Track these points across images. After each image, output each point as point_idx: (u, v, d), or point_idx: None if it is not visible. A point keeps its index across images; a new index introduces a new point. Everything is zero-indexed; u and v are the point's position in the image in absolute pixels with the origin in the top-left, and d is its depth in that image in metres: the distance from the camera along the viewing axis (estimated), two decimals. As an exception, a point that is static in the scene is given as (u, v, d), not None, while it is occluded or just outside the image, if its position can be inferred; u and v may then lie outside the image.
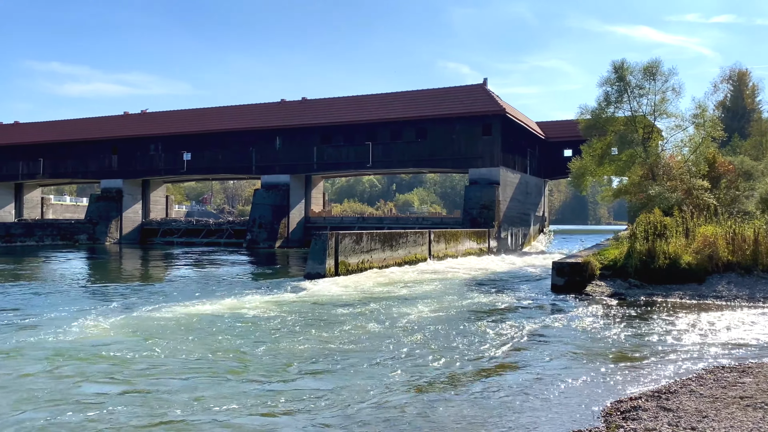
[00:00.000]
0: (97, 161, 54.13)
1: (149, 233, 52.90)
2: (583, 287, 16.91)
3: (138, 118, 55.55)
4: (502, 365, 8.96)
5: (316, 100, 49.43)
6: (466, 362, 9.00)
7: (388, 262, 24.09)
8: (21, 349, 9.60)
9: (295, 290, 17.18)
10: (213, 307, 14.16)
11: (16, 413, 6.59)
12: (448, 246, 30.37)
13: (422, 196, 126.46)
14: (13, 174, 58.21)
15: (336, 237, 20.75)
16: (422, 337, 10.78)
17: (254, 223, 45.65)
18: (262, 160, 47.63)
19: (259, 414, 6.64)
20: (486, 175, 40.46)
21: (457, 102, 42.57)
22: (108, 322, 12.02)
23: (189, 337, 10.62)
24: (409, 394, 7.37)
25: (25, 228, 46.23)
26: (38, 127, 60.06)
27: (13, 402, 6.97)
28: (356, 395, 7.31)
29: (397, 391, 7.47)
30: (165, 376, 8.17)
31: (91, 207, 52.74)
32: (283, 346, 10.01)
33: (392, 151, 43.69)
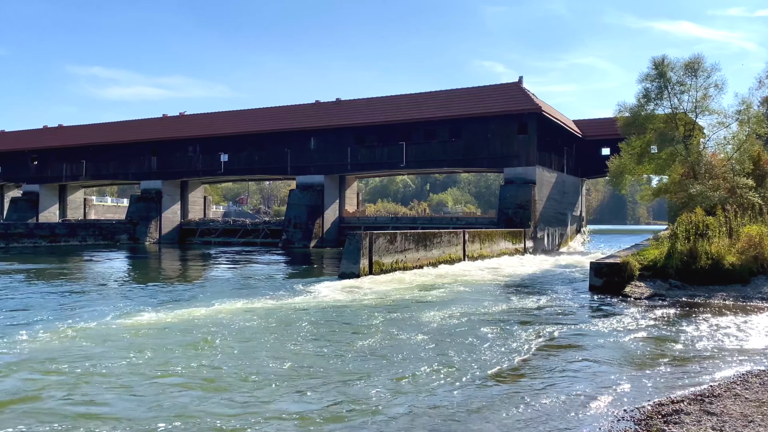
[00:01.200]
0: (137, 163, 55.43)
1: (188, 233, 53.89)
2: (622, 288, 16.58)
3: (176, 120, 56.65)
4: (539, 367, 8.85)
5: (350, 100, 49.64)
6: (501, 363, 8.91)
7: (422, 262, 24.02)
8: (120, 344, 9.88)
9: (330, 289, 17.27)
10: (250, 305, 14.33)
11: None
12: (483, 246, 30.14)
13: (456, 196, 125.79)
14: (57, 176, 60.08)
15: (370, 237, 20.79)
16: (458, 338, 10.72)
17: (289, 223, 46.09)
18: (297, 160, 48.06)
19: (315, 410, 6.70)
20: (522, 174, 40.02)
21: (492, 101, 42.21)
22: (146, 318, 12.28)
23: (226, 335, 10.77)
24: (445, 395, 7.33)
25: (68, 228, 47.57)
26: (81, 130, 61.80)
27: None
28: (391, 397, 7.31)
29: (432, 393, 7.44)
30: (203, 369, 8.31)
31: (132, 208, 54.01)
32: (322, 345, 10.07)
33: (426, 151, 43.57)
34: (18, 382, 7.78)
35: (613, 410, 6.71)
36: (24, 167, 62.18)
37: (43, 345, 9.94)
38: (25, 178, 62.19)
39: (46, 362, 8.79)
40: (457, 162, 43.21)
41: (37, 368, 8.46)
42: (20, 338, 10.38)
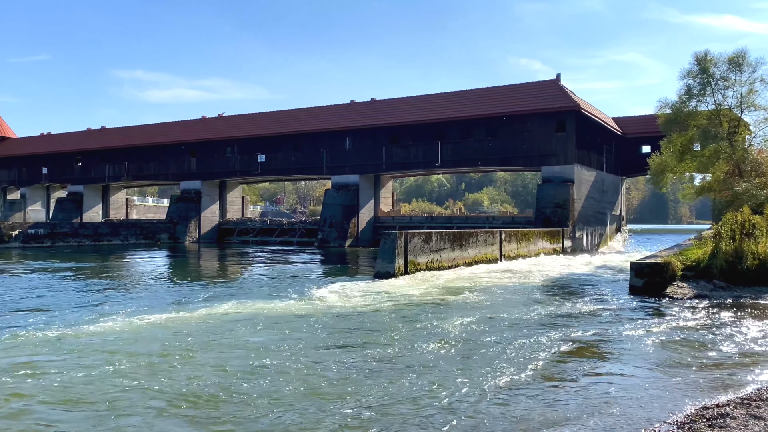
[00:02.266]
0: (177, 164, 56.59)
1: (226, 233, 54.76)
2: (664, 289, 16.18)
3: (215, 121, 57.63)
4: (578, 369, 8.70)
5: (384, 100, 49.71)
6: (540, 365, 8.79)
7: (458, 261, 23.88)
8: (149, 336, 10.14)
9: (365, 289, 17.31)
10: (286, 304, 14.47)
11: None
12: (520, 246, 29.80)
13: (492, 195, 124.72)
14: (100, 177, 61.78)
15: (405, 236, 20.77)
16: (495, 338, 10.62)
17: (325, 223, 46.41)
18: (333, 160, 48.35)
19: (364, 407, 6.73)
20: (559, 172, 39.43)
21: (529, 98, 41.71)
22: (185, 315, 12.52)
23: (257, 335, 10.89)
24: (484, 396, 7.27)
25: (111, 228, 48.85)
26: (123, 132, 63.42)
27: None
28: (431, 397, 7.28)
29: (471, 394, 7.38)
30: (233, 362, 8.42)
31: (172, 207, 55.18)
32: (363, 343, 10.10)
33: (462, 150, 43.30)
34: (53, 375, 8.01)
35: (656, 414, 6.55)
36: (69, 168, 64.14)
37: (88, 338, 10.23)
38: (70, 179, 64.16)
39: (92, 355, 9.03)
40: (493, 161, 42.82)
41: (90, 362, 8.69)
42: (59, 333, 10.69)
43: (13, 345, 9.87)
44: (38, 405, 6.85)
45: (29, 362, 8.72)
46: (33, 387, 7.52)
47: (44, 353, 9.31)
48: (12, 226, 42.01)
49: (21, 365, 8.53)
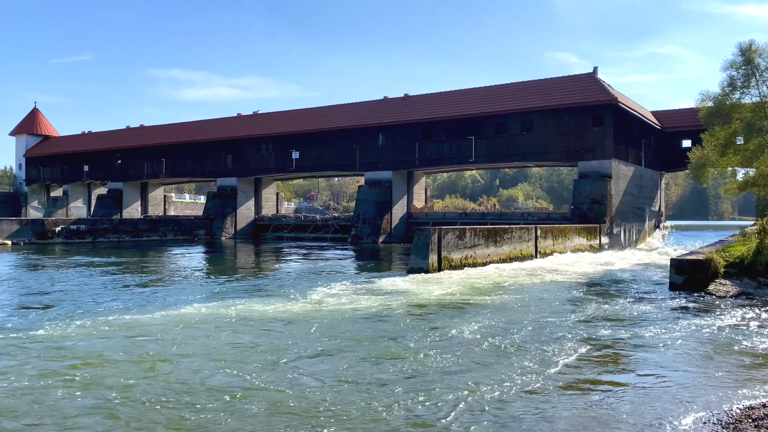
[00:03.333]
0: (213, 161, 57.48)
1: (261, 228, 55.42)
2: (705, 286, 15.76)
3: (250, 119, 58.33)
4: (617, 368, 8.53)
5: (418, 96, 49.54)
6: (578, 364, 8.64)
7: (492, 258, 23.68)
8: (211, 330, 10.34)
9: (399, 285, 17.29)
10: (325, 299, 14.55)
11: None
12: (556, 242, 29.39)
13: (527, 191, 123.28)
14: (139, 174, 63.18)
15: (439, 232, 20.67)
16: (532, 336, 10.49)
17: (358, 219, 46.54)
18: (366, 157, 48.43)
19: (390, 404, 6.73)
20: (597, 168, 38.73)
21: (566, 92, 41.03)
22: (220, 311, 12.69)
23: (287, 332, 10.96)
24: (522, 396, 7.18)
25: (149, 224, 49.89)
26: (161, 130, 64.69)
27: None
28: (469, 396, 7.22)
29: (511, 393, 7.29)
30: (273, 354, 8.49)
31: (208, 204, 56.09)
32: (390, 341, 10.09)
33: (496, 145, 42.89)
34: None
35: (699, 414, 6.37)
36: (109, 166, 65.74)
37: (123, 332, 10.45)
38: (110, 176, 65.76)
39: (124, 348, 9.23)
40: (529, 156, 42.30)
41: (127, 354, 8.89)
42: (95, 324, 10.95)
43: (68, 334, 10.14)
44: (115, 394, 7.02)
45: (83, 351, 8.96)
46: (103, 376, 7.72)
47: (96, 344, 9.55)
48: (55, 223, 43.27)
49: (71, 354, 8.76)
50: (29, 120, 75.73)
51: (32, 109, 76.99)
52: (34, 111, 76.71)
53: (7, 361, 8.51)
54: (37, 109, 77.27)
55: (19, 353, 8.99)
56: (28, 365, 8.28)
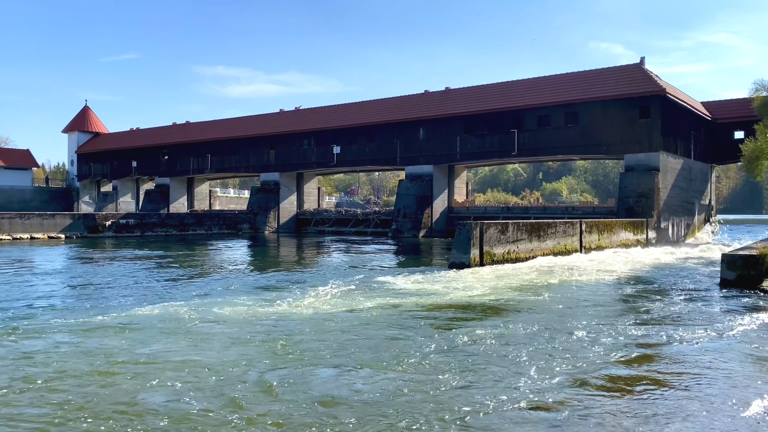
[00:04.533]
0: (256, 156, 58.37)
1: (303, 223, 56.06)
2: (759, 282, 15.23)
3: (292, 115, 58.95)
4: (666, 369, 8.31)
5: (459, 89, 49.15)
6: (625, 364, 8.46)
7: (536, 252, 23.36)
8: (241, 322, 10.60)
9: (439, 279, 17.24)
10: (366, 292, 14.62)
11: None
12: (601, 237, 28.79)
13: (571, 185, 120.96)
14: (185, 169, 64.65)
15: (480, 226, 20.50)
16: (577, 333, 10.33)
17: (399, 213, 46.57)
18: (406, 151, 48.37)
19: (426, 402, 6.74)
20: (643, 160, 37.73)
21: (611, 84, 40.06)
22: (260, 305, 12.89)
23: (320, 328, 11.05)
24: (565, 397, 7.08)
25: (195, 218, 51.01)
26: (206, 126, 66.01)
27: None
28: (514, 392, 7.17)
29: (555, 393, 7.20)
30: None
31: (252, 199, 57.05)
32: (429, 336, 10.08)
33: (539, 138, 42.24)
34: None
35: (752, 419, 6.16)
36: (156, 162, 67.47)
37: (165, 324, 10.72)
38: (157, 171, 67.49)
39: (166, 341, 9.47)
40: (573, 149, 41.50)
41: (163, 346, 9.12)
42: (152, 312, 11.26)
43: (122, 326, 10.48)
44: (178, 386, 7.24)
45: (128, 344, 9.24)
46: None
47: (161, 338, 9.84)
48: (105, 217, 44.67)
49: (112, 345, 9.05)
50: (80, 117, 78.29)
51: (83, 107, 79.55)
52: (85, 109, 79.24)
53: (69, 347, 8.84)
54: (88, 106, 79.79)
55: (84, 341, 9.32)
56: (82, 353, 8.58)
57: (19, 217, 39.78)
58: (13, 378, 7.47)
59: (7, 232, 38.53)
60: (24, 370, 7.80)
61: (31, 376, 7.56)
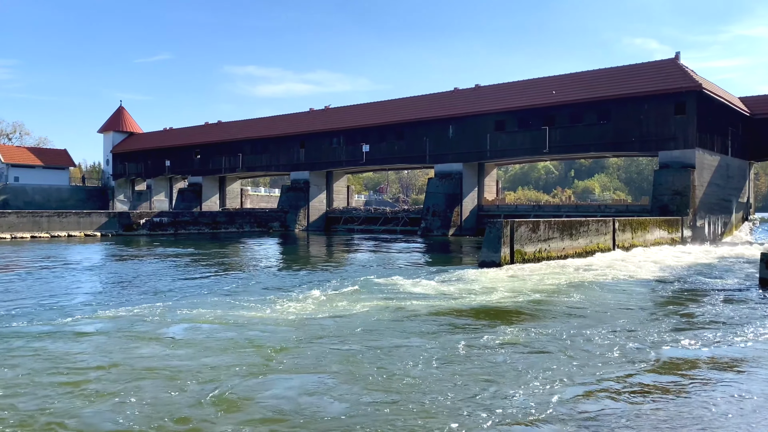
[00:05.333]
0: (287, 155, 58.87)
1: (332, 221, 56.36)
2: (801, 283, 14.75)
3: (322, 113, 59.28)
4: (702, 375, 8.11)
5: (489, 86, 48.79)
6: (660, 369, 8.28)
7: (568, 251, 23.05)
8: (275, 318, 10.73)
9: (469, 278, 17.13)
10: (396, 291, 14.62)
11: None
12: (635, 235, 28.28)
13: (604, 183, 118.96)
14: (217, 168, 65.55)
15: (511, 225, 20.31)
16: (610, 337, 10.15)
17: (428, 212, 46.46)
18: (436, 149, 48.21)
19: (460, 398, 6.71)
20: (679, 157, 36.94)
21: (645, 79, 39.29)
22: (288, 303, 12.98)
23: (347, 327, 11.06)
24: (605, 400, 6.97)
25: (227, 216, 51.69)
26: (237, 125, 66.82)
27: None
28: (549, 397, 7.08)
29: (592, 395, 7.10)
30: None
31: (282, 197, 57.58)
32: (457, 336, 10.02)
33: (571, 135, 41.67)
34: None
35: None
36: (189, 161, 68.53)
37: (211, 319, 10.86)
38: (190, 170, 68.55)
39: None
40: (606, 146, 40.85)
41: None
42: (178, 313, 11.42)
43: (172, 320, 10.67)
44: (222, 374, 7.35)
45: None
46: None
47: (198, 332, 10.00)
48: (140, 215, 45.55)
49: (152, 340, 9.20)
50: (115, 118, 79.96)
51: (118, 107, 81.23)
52: (120, 109, 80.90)
53: (107, 343, 9.03)
54: (123, 107, 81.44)
55: (120, 337, 9.51)
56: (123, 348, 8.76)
57: (57, 216, 40.83)
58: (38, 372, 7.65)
59: (46, 230, 39.58)
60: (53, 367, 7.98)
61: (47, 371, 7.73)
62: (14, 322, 10.79)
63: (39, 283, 16.56)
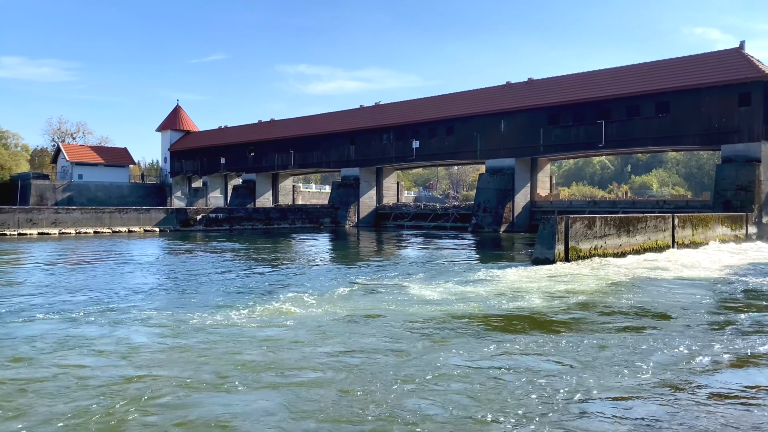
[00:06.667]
0: (337, 152, 59.39)
1: (382, 217, 56.53)
2: None
3: (372, 110, 59.49)
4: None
5: (542, 79, 47.88)
6: (726, 376, 7.96)
7: (624, 249, 22.41)
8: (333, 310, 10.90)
9: (522, 275, 16.87)
10: (446, 288, 14.55)
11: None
12: (696, 232, 27.26)
13: (662, 178, 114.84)
14: (270, 165, 66.73)
15: (566, 221, 19.89)
16: (672, 342, 9.82)
17: (479, 208, 46.01)
18: (487, 144, 47.68)
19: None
20: (743, 151, 35.36)
21: (707, 70, 37.75)
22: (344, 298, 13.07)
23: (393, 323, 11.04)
24: (663, 405, 6.75)
25: (280, 212, 52.57)
26: (289, 123, 67.83)
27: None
28: (591, 402, 6.91)
29: (654, 403, 6.89)
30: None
31: (333, 194, 58.14)
32: (506, 337, 9.89)
33: (628, 129, 40.46)
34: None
35: None
36: (243, 158, 70.01)
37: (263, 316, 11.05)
38: (243, 167, 70.03)
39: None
40: (665, 140, 39.47)
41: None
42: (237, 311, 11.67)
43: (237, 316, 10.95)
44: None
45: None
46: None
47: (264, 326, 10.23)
48: (196, 211, 46.82)
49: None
50: (172, 117, 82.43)
51: (175, 106, 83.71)
52: (177, 108, 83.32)
53: (170, 340, 9.32)
54: (179, 106, 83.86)
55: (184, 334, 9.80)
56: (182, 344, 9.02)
57: (118, 212, 42.41)
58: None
59: (108, 225, 41.16)
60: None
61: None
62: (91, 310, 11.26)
63: (112, 274, 17.24)
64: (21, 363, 7.86)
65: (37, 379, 7.14)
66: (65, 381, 7.07)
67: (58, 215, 39.76)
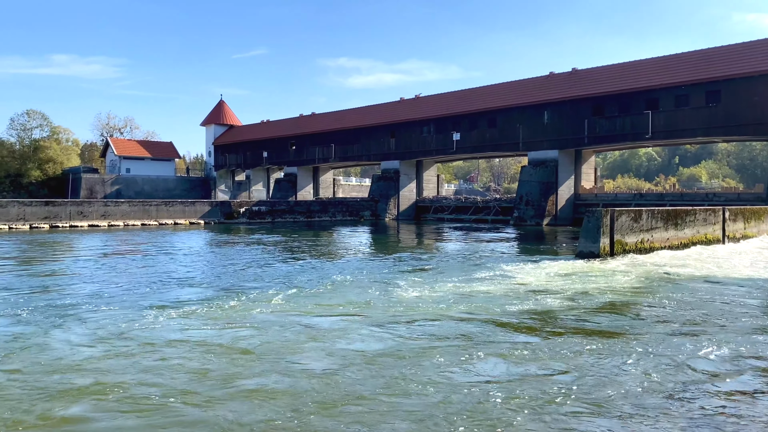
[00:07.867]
0: (377, 145, 59.48)
1: (422, 210, 56.43)
2: None
3: (412, 103, 59.34)
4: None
5: (587, 69, 46.87)
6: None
7: (672, 242, 21.80)
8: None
9: (566, 269, 16.61)
10: (487, 282, 14.45)
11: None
12: (748, 225, 26.32)
13: (712, 170, 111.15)
14: (311, 159, 67.33)
15: (611, 214, 19.46)
16: (723, 346, 9.54)
17: (521, 200, 45.46)
18: (529, 136, 47.01)
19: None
20: (799, 141, 33.94)
21: (760, 58, 36.34)
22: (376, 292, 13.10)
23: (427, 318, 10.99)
24: (694, 410, 6.57)
25: (321, 205, 53.05)
26: (330, 117, 68.23)
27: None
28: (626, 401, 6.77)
29: (694, 410, 6.71)
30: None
31: (373, 186, 58.30)
32: (541, 338, 9.76)
33: (676, 119, 39.29)
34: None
35: None
36: (285, 152, 70.82)
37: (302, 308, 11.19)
38: (285, 161, 70.86)
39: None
40: (715, 130, 38.21)
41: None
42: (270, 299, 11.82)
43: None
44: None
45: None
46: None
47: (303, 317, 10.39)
48: (240, 204, 47.64)
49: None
50: (216, 111, 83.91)
51: (218, 101, 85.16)
52: (221, 103, 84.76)
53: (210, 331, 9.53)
54: (223, 101, 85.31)
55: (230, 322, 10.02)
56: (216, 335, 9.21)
57: (164, 205, 43.50)
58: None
59: (154, 218, 42.26)
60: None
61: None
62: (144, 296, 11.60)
63: (161, 264, 17.72)
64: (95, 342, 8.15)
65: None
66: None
67: (108, 208, 41.00)
